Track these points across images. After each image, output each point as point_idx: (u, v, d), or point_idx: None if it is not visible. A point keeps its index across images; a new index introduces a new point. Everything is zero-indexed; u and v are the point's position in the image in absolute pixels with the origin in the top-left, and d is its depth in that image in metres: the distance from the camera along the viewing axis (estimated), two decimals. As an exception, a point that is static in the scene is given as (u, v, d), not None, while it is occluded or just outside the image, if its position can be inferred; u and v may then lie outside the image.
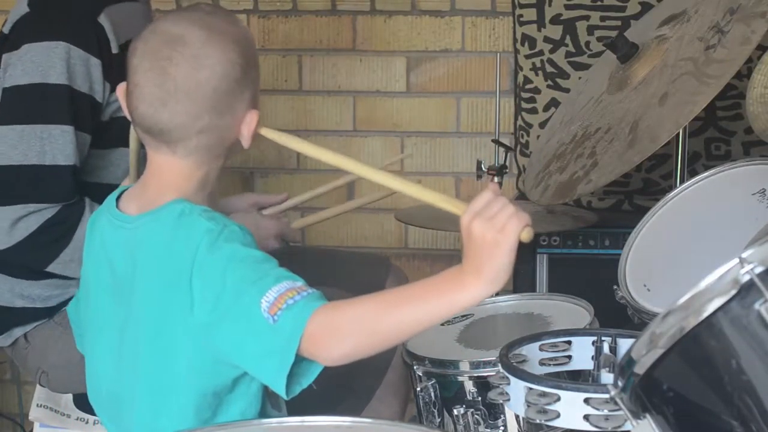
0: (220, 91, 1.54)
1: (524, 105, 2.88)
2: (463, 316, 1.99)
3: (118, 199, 1.64)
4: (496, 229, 1.33)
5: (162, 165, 1.60)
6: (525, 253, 2.67)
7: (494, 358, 1.58)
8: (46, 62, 1.96)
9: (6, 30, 2.07)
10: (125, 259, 1.59)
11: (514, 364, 1.50)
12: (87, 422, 2.20)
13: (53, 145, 1.96)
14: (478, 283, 1.35)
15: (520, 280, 2.67)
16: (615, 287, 1.97)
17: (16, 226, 1.94)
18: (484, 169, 2.55)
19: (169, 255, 1.53)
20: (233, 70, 1.55)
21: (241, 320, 1.45)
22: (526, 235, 1.34)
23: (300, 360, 1.43)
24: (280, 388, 1.45)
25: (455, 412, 1.74)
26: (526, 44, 2.85)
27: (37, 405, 2.22)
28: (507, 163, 2.57)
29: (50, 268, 2.01)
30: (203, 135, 1.56)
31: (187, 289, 1.49)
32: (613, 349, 1.57)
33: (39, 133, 1.96)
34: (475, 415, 1.73)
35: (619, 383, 1.21)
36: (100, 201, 1.70)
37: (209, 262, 1.49)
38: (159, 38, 1.56)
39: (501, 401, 1.48)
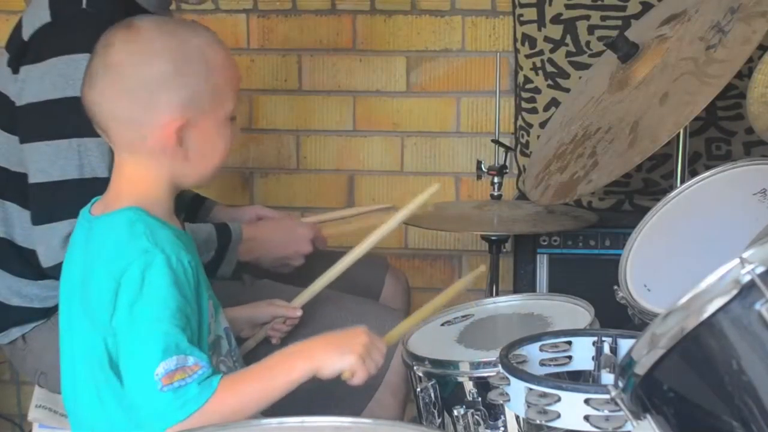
0: (137, 78, 1.56)
1: (524, 105, 2.88)
2: (463, 317, 1.98)
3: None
4: (360, 353, 1.56)
5: (117, 164, 1.64)
6: (525, 253, 2.67)
7: (494, 359, 1.57)
8: (75, 75, 1.92)
9: (26, 37, 2.02)
10: (81, 256, 1.63)
11: (514, 364, 1.49)
12: (86, 423, 2.20)
13: (90, 158, 1.94)
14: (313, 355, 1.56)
15: (520, 280, 2.67)
16: (615, 287, 1.96)
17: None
18: (484, 169, 2.55)
19: (110, 260, 1.55)
20: (158, 64, 1.56)
21: (132, 361, 1.52)
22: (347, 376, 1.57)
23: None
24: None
25: (455, 412, 1.73)
26: (527, 44, 2.85)
27: (36, 406, 2.22)
28: (507, 163, 2.57)
29: None
30: (121, 125, 1.58)
31: (114, 295, 1.53)
32: (614, 350, 1.56)
33: (75, 146, 1.94)
34: (475, 416, 1.72)
35: (620, 384, 1.21)
36: None
37: (132, 286, 1.52)
38: (115, 27, 1.60)
39: (501, 402, 1.47)
